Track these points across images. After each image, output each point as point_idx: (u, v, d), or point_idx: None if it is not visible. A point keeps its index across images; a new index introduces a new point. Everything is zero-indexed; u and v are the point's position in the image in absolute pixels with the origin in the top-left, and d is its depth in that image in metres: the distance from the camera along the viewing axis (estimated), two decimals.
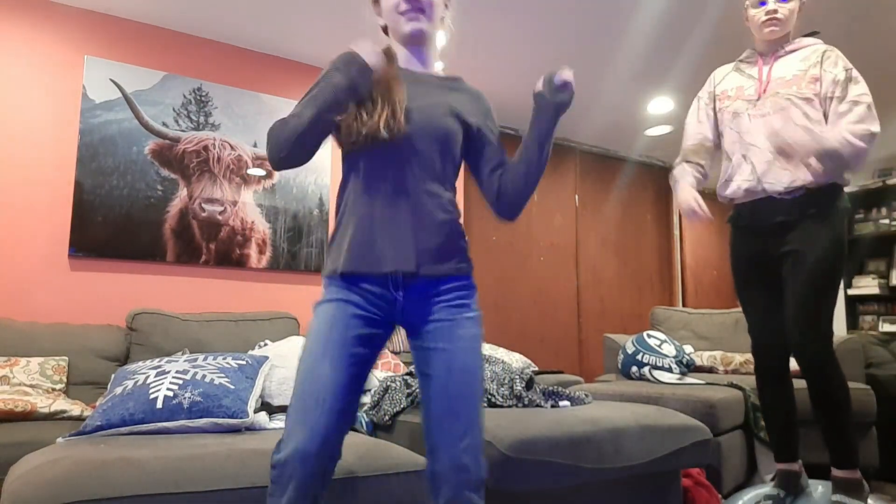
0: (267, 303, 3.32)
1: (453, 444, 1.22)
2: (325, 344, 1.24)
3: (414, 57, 1.42)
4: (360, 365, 1.26)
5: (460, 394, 1.24)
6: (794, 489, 2.10)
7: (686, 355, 3.17)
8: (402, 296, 1.29)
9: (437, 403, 1.25)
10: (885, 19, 3.12)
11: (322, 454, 1.18)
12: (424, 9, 1.36)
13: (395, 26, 1.39)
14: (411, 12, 1.35)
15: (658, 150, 5.21)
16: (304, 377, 1.24)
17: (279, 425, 1.95)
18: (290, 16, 3.11)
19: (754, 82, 2.11)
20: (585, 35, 3.32)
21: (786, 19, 2.03)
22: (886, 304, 5.09)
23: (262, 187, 3.36)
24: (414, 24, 1.36)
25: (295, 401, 1.22)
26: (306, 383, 1.23)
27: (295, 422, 1.20)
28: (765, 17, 2.03)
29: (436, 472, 1.23)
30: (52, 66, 2.92)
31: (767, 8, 2.03)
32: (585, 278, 4.98)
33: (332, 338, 1.24)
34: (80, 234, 2.87)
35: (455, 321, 1.28)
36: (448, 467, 1.21)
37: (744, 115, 2.10)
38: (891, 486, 2.98)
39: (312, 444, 1.17)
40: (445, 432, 1.23)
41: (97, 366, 2.52)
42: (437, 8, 1.39)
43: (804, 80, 2.00)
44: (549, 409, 2.04)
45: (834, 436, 1.94)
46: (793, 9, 2.04)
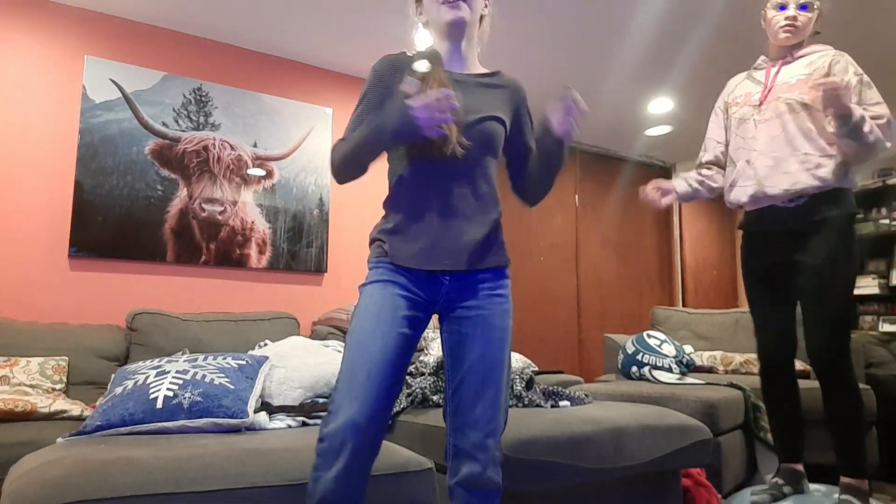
0: (267, 303, 3.32)
1: (480, 425, 1.28)
2: (377, 320, 1.28)
3: (455, 52, 1.45)
4: (407, 343, 1.30)
5: (490, 379, 1.30)
6: (796, 486, 2.11)
7: (686, 355, 3.17)
8: (449, 281, 1.35)
9: (468, 387, 1.31)
10: (886, 19, 3.12)
11: (373, 426, 1.21)
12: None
13: (437, 16, 1.41)
14: (452, 1, 1.38)
15: (658, 150, 5.21)
16: (354, 352, 1.26)
17: (279, 425, 1.95)
18: (290, 16, 3.10)
19: (761, 87, 2.12)
20: (586, 35, 3.32)
21: (803, 27, 2.05)
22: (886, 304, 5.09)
23: (262, 187, 3.36)
24: (455, 12, 1.39)
25: (345, 374, 1.25)
26: (357, 357, 1.25)
27: (345, 395, 1.22)
28: (784, 21, 2.04)
29: (459, 449, 1.28)
30: (52, 66, 2.92)
31: (787, 13, 2.04)
32: (585, 278, 4.98)
33: (383, 316, 1.29)
34: (80, 234, 2.87)
35: (492, 311, 1.34)
36: (473, 446, 1.27)
37: (749, 121, 2.11)
38: (891, 487, 2.98)
39: (363, 416, 1.20)
40: (475, 414, 1.29)
41: (97, 366, 2.52)
42: (478, 1, 1.43)
43: (807, 85, 2.00)
44: (549, 409, 2.04)
45: (845, 444, 1.94)
46: (811, 17, 2.05)
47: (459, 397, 1.31)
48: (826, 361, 1.92)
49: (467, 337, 1.33)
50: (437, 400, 2.04)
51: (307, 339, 2.52)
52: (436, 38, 1.47)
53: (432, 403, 2.04)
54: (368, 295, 1.33)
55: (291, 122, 3.49)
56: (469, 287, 1.35)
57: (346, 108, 3.71)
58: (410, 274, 1.34)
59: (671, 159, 5.47)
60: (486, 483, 1.27)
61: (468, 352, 1.32)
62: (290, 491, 1.40)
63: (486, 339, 1.32)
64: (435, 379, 2.12)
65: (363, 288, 1.35)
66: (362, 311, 1.31)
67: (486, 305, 1.34)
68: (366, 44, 3.38)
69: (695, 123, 4.52)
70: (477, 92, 1.43)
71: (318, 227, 3.52)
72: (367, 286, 1.34)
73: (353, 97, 3.76)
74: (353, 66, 3.66)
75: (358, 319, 1.30)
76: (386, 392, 1.24)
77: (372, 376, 1.23)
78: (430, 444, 1.74)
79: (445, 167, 1.36)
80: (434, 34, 1.47)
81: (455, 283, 1.35)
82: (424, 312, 1.36)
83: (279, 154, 3.44)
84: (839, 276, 1.94)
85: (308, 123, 3.54)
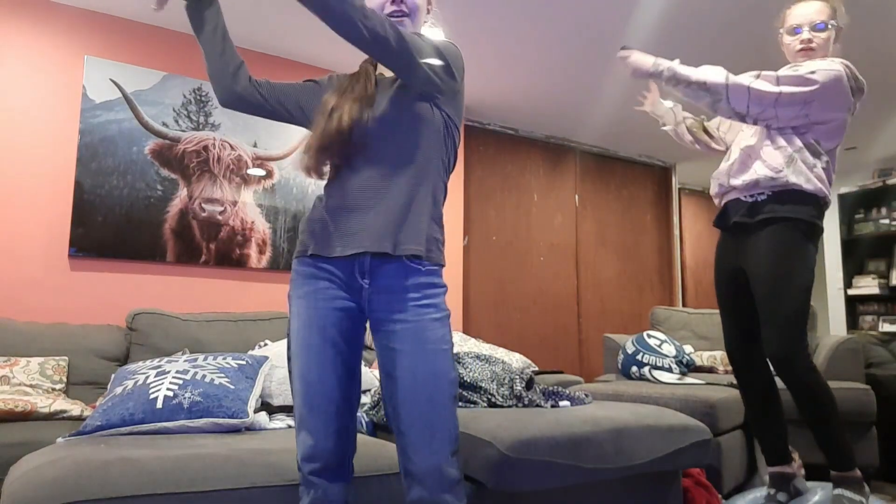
0: (267, 303, 3.32)
1: (424, 446, 1.21)
2: (308, 349, 1.28)
3: None
4: (345, 356, 1.29)
5: (429, 398, 1.23)
6: (789, 490, 2.10)
7: (686, 355, 3.17)
8: (369, 284, 1.28)
9: (405, 407, 1.23)
10: (886, 19, 3.12)
11: (327, 454, 1.24)
12: (409, 13, 1.37)
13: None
14: (396, 15, 1.36)
15: (658, 150, 5.21)
16: (296, 385, 1.29)
17: (279, 425, 1.95)
18: (290, 16, 3.11)
19: None
20: (586, 34, 3.32)
21: (819, 48, 2.01)
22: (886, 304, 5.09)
23: (262, 187, 3.36)
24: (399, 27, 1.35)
25: (295, 408, 1.29)
26: (299, 390, 1.29)
27: (298, 429, 1.27)
28: (799, 45, 2.02)
29: (408, 472, 1.23)
30: (52, 66, 2.92)
31: (802, 37, 2.01)
32: (585, 278, 4.98)
33: (313, 342, 1.28)
34: (80, 234, 2.87)
35: (421, 322, 1.25)
36: (420, 469, 1.21)
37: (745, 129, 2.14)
38: (891, 486, 2.98)
39: (316, 449, 1.24)
40: (416, 435, 1.22)
41: (97, 366, 2.52)
42: (421, 11, 1.41)
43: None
44: (549, 409, 2.04)
45: (825, 442, 1.93)
46: (827, 37, 2.01)
47: (399, 420, 1.24)
48: (781, 365, 1.90)
49: (397, 355, 1.25)
50: None
51: None
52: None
53: None
54: (295, 314, 1.31)
55: None
56: (393, 293, 1.27)
57: None
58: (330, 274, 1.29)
59: (671, 159, 5.47)
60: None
61: (399, 371, 1.24)
62: (290, 491, 1.40)
63: (418, 356, 1.23)
64: None
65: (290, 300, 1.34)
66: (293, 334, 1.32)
67: (414, 318, 1.25)
68: None
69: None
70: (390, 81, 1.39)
71: None
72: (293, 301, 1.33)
73: None
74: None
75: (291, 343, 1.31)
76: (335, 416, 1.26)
77: (315, 406, 1.26)
78: None
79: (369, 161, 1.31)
80: None
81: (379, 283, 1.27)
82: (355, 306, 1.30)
83: (279, 154, 3.44)
84: (786, 280, 1.90)
85: None
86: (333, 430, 1.25)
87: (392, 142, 1.32)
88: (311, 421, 1.25)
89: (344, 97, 1.36)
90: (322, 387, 1.26)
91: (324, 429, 1.24)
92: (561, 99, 4.20)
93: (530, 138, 4.81)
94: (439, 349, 1.25)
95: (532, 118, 4.54)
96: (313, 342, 1.27)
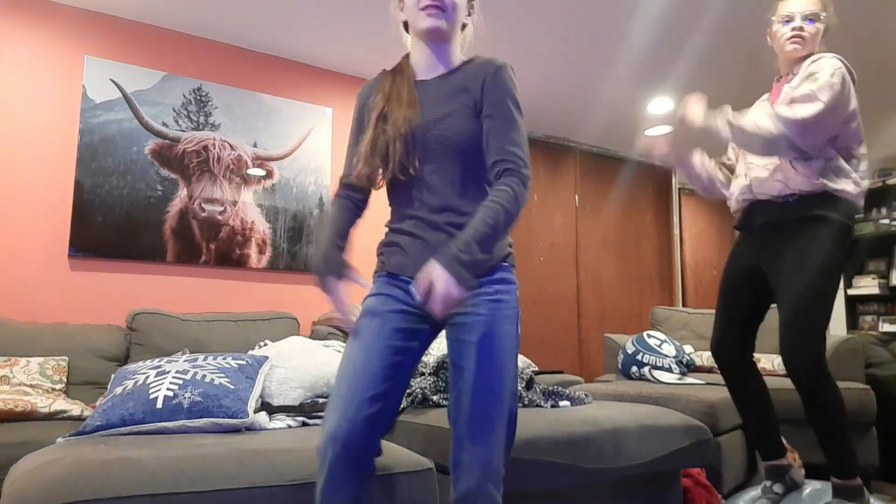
0: (267, 303, 3.32)
1: (480, 438, 1.24)
2: (363, 334, 1.31)
3: (434, 56, 1.41)
4: (397, 355, 1.30)
5: (491, 391, 1.27)
6: (785, 482, 2.10)
7: (686, 355, 3.17)
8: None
9: (468, 398, 1.27)
10: (886, 19, 3.12)
11: (351, 440, 1.22)
12: (446, 7, 1.36)
13: (414, 21, 1.39)
14: (431, 8, 1.35)
15: None
16: (341, 366, 1.31)
17: (279, 425, 1.95)
18: (290, 16, 3.11)
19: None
20: (586, 34, 3.32)
21: (810, 38, 2.02)
22: (886, 304, 5.09)
23: (262, 187, 3.36)
24: (432, 20, 1.36)
25: (333, 389, 1.29)
26: (341, 371, 1.30)
27: (329, 408, 1.26)
28: (790, 33, 2.02)
29: (459, 462, 1.25)
30: (52, 66, 2.92)
31: (793, 25, 2.02)
32: (585, 278, 4.98)
33: (370, 330, 1.31)
34: (80, 234, 2.87)
35: (492, 316, 1.30)
36: (472, 459, 1.24)
37: None
38: (891, 486, 2.98)
39: (341, 429, 1.21)
40: (474, 426, 1.25)
41: (97, 366, 2.52)
42: (459, 11, 1.39)
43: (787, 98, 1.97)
44: (549, 409, 2.04)
45: (829, 446, 1.92)
46: (817, 30, 2.03)
47: (459, 409, 1.28)
48: (798, 370, 1.89)
49: (467, 346, 1.29)
50: (438, 400, 2.04)
51: (307, 339, 2.52)
52: (414, 41, 1.44)
53: (432, 403, 2.04)
54: (363, 308, 1.37)
55: (291, 122, 3.49)
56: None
57: (346, 108, 3.71)
58: (406, 285, 1.35)
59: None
60: (483, 499, 1.23)
61: (467, 361, 1.28)
62: (290, 491, 1.40)
63: (486, 349, 1.28)
64: (435, 379, 2.12)
65: (363, 301, 1.39)
66: (356, 325, 1.35)
67: (485, 312, 1.30)
68: (366, 44, 3.38)
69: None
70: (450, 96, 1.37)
71: (318, 227, 3.52)
72: (365, 299, 1.39)
73: (352, 97, 3.74)
74: (353, 66, 3.66)
75: (351, 334, 1.34)
76: (368, 404, 1.24)
77: (352, 389, 1.25)
78: (430, 444, 1.74)
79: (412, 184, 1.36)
80: (413, 36, 1.44)
81: None
82: (424, 324, 1.35)
83: (279, 154, 3.44)
84: (817, 281, 1.89)
85: (308, 123, 3.54)
86: (363, 417, 1.23)
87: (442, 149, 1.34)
88: (342, 403, 1.24)
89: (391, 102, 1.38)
90: (363, 372, 1.27)
91: (354, 413, 1.23)
92: (561, 99, 4.20)
93: (530, 138, 4.81)
94: (505, 345, 1.29)
95: (532, 118, 4.54)
96: (370, 329, 1.31)
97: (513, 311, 1.33)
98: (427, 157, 1.35)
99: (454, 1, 1.38)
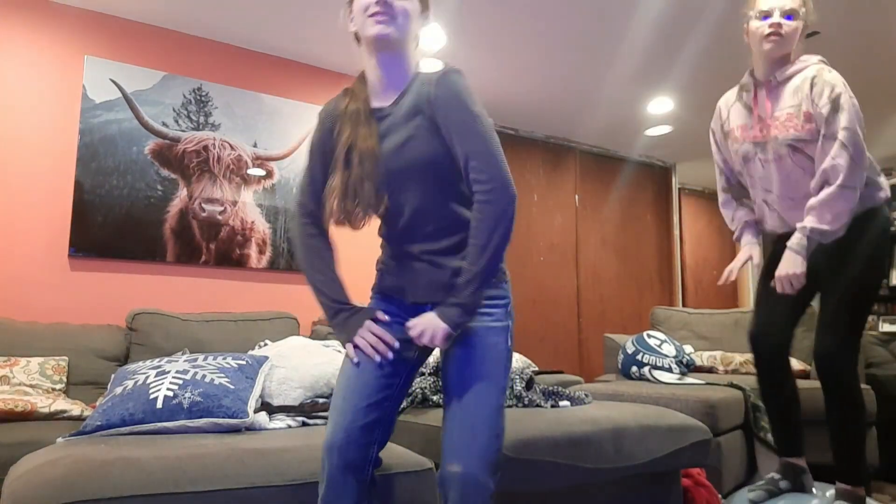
0: (267, 303, 3.32)
1: (462, 450, 1.22)
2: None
3: (385, 74, 1.34)
4: (392, 366, 1.31)
5: (472, 402, 1.25)
6: (795, 481, 2.10)
7: (686, 355, 3.17)
8: (430, 307, 1.33)
9: (450, 409, 1.27)
10: (886, 19, 3.12)
11: (346, 449, 1.23)
12: (396, 16, 1.29)
13: (363, 29, 1.31)
14: (381, 15, 1.28)
15: (658, 150, 5.21)
16: (338, 379, 1.34)
17: (279, 425, 1.95)
18: (290, 16, 3.10)
19: (752, 118, 2.06)
20: (586, 34, 3.32)
21: (788, 36, 1.95)
22: (886, 304, 5.09)
23: (262, 187, 3.36)
24: (380, 27, 1.28)
25: (332, 396, 1.33)
26: (338, 383, 1.33)
27: (328, 418, 1.29)
28: (768, 29, 1.94)
29: (444, 475, 1.24)
30: (52, 66, 2.92)
31: (771, 21, 1.95)
32: (585, 278, 4.98)
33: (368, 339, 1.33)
34: (80, 234, 2.87)
35: (476, 328, 1.29)
36: (455, 472, 1.21)
37: (754, 161, 2.06)
38: (891, 486, 2.98)
39: (337, 439, 1.24)
40: (456, 438, 1.24)
41: (97, 366, 2.52)
42: (410, 20, 1.32)
43: (799, 120, 1.92)
44: (549, 409, 2.04)
45: (843, 450, 1.92)
46: (796, 27, 1.95)
47: (445, 420, 1.28)
48: (829, 367, 1.90)
49: (450, 357, 1.30)
50: (437, 400, 2.04)
51: (307, 339, 2.52)
52: (365, 54, 1.36)
53: (432, 403, 2.04)
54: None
55: (291, 122, 3.49)
56: None
57: None
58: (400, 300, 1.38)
59: (671, 159, 5.47)
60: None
61: (450, 373, 1.29)
62: (290, 491, 1.40)
63: (467, 360, 1.27)
64: (435, 379, 2.12)
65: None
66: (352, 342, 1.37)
67: (472, 323, 1.28)
68: None
69: (695, 123, 4.52)
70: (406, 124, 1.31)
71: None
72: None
73: None
74: (353, 66, 3.66)
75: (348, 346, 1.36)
76: (363, 413, 1.25)
77: (347, 399, 1.27)
78: (431, 444, 1.74)
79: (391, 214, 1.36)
80: (363, 48, 1.36)
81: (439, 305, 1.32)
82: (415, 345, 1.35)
83: (279, 154, 3.44)
84: (863, 281, 1.92)
85: (308, 123, 3.54)
86: (358, 427, 1.25)
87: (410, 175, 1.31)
88: (338, 414, 1.26)
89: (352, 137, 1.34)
90: (358, 382, 1.29)
91: (350, 423, 1.25)
92: (561, 99, 4.20)
93: (530, 138, 4.81)
94: (488, 356, 1.28)
95: (532, 118, 4.54)
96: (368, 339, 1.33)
97: (500, 324, 1.32)
98: (398, 187, 1.32)
99: (405, 7, 1.30)
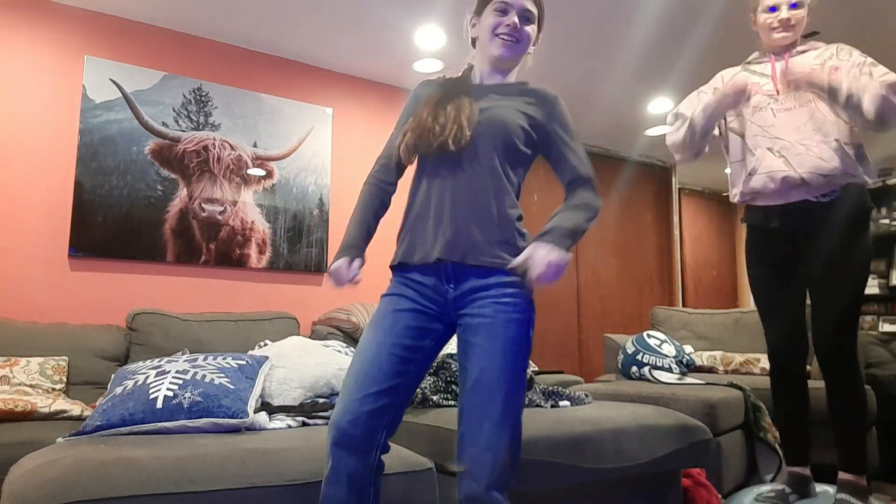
0: (267, 303, 3.32)
1: (477, 440, 1.24)
2: (375, 331, 1.34)
3: (492, 77, 1.48)
4: (407, 352, 1.32)
5: (490, 393, 1.26)
6: (803, 492, 2.09)
7: (686, 355, 3.17)
8: (454, 287, 1.34)
9: (467, 399, 1.29)
10: (886, 19, 3.12)
11: (352, 431, 1.24)
12: (521, 40, 1.42)
13: (488, 46, 1.43)
14: (509, 38, 1.41)
15: (658, 150, 5.21)
16: (353, 359, 1.34)
17: (279, 425, 1.95)
18: (290, 16, 3.10)
19: (768, 79, 2.08)
20: (586, 35, 3.32)
21: (797, 25, 2.04)
22: (886, 304, 5.09)
23: (262, 187, 3.36)
24: (505, 50, 1.41)
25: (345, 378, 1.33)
26: (352, 365, 1.33)
27: (338, 400, 1.29)
28: (777, 23, 2.03)
29: (460, 461, 1.26)
30: (52, 66, 2.92)
31: (780, 16, 2.02)
32: (585, 278, 4.98)
33: (382, 326, 1.34)
34: (80, 234, 2.87)
35: (496, 319, 1.30)
36: (470, 461, 1.24)
37: (767, 110, 2.05)
38: (891, 486, 2.98)
39: (343, 419, 1.25)
40: (472, 428, 1.26)
41: (97, 366, 2.51)
42: (531, 44, 1.47)
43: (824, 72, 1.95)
44: (549, 409, 2.04)
45: (845, 438, 1.93)
46: (802, 16, 2.04)
47: (461, 410, 1.29)
48: (832, 354, 1.91)
49: (470, 347, 1.31)
50: (438, 400, 2.04)
51: (307, 339, 2.52)
52: (478, 56, 1.49)
53: (432, 403, 2.04)
54: (378, 306, 1.41)
55: (291, 122, 3.49)
56: (476, 292, 1.32)
57: (346, 108, 3.71)
58: (417, 283, 1.37)
59: (671, 159, 5.47)
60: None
61: (469, 363, 1.30)
62: (290, 491, 1.40)
63: (488, 351, 1.28)
64: (435, 379, 2.12)
65: (380, 300, 1.43)
66: (370, 321, 1.38)
67: (492, 314, 1.30)
68: (366, 44, 3.38)
69: None
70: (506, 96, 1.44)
71: (318, 227, 3.53)
72: (382, 298, 1.42)
73: (353, 97, 3.76)
74: (353, 66, 3.66)
75: (365, 330, 1.37)
76: (373, 398, 1.26)
77: (358, 382, 1.28)
78: (431, 444, 1.74)
79: (445, 161, 1.37)
80: (478, 52, 1.49)
81: (463, 286, 1.34)
82: (440, 323, 1.37)
83: (279, 154, 3.44)
84: (853, 269, 1.94)
85: (308, 123, 3.54)
86: (366, 411, 1.25)
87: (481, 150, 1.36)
88: (348, 395, 1.27)
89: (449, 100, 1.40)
90: (372, 366, 1.29)
91: (358, 406, 1.25)
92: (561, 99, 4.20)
93: None
94: (508, 349, 1.29)
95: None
96: (383, 326, 1.34)
97: (521, 316, 1.32)
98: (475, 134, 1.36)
99: (528, 34, 1.43)
